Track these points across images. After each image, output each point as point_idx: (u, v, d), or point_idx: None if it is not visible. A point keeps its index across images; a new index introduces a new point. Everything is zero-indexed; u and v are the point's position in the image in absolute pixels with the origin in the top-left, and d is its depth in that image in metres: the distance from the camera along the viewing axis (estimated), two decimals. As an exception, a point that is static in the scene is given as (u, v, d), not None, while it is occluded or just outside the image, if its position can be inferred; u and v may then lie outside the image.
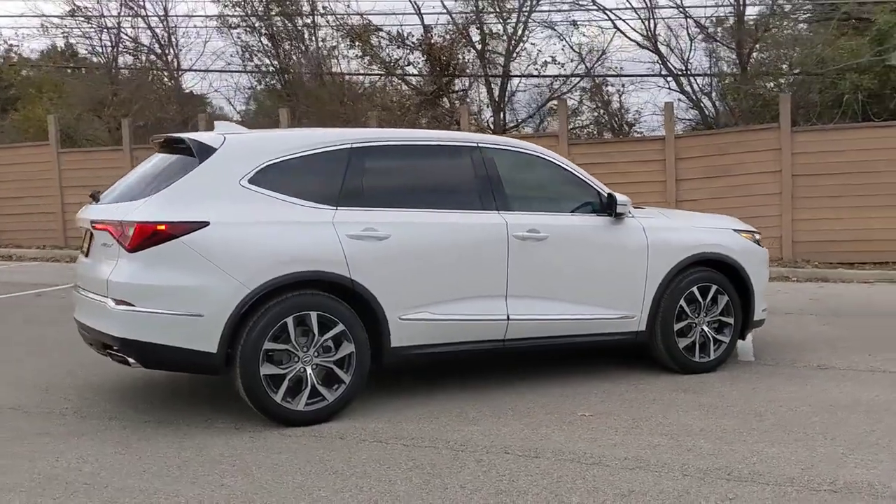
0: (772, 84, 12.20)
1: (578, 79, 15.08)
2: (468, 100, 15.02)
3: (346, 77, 15.07)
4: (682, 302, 5.87)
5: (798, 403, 5.15)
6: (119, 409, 5.19)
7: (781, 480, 3.88)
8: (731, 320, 6.07)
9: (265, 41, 16.31)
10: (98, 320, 4.76)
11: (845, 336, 7.30)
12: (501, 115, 14.68)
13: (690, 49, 13.09)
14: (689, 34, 13.21)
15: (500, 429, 4.70)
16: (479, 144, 5.56)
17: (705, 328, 5.98)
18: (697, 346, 5.95)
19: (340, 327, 4.82)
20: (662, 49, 14.19)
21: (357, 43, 14.60)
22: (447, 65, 14.23)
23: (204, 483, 3.93)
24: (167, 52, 19.21)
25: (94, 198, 5.28)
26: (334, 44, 14.89)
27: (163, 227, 4.55)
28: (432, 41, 14.17)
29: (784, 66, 12.20)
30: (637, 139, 13.34)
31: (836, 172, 11.84)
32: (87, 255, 5.11)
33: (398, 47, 14.74)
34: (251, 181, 4.81)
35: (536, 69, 14.78)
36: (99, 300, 4.74)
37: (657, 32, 13.98)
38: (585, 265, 5.62)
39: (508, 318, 5.33)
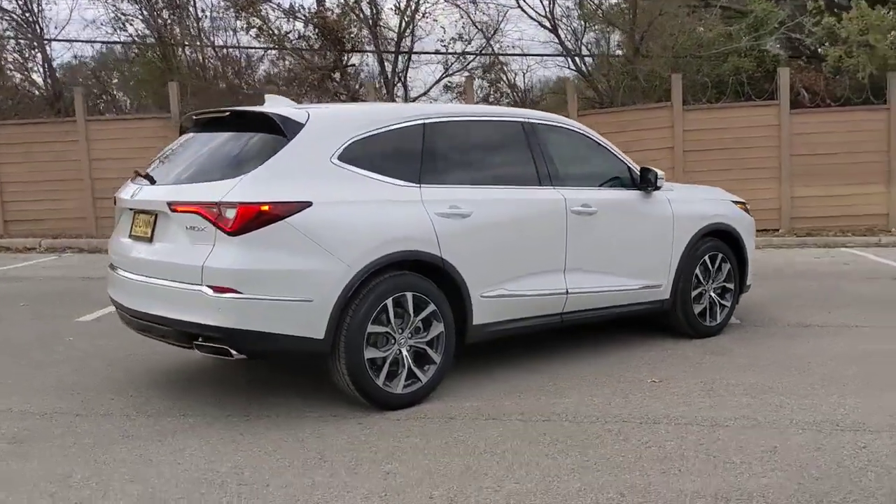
0: (663, 66, 12.97)
1: (473, 57, 15.29)
2: (362, 76, 14.83)
3: (236, 51, 14.35)
4: (697, 270, 6.24)
5: (821, 357, 5.63)
6: (190, 406, 4.79)
7: (887, 426, 4.28)
8: (731, 286, 6.52)
9: (143, 10, 15.05)
10: (184, 310, 4.37)
11: (787, 296, 8.01)
12: (394, 91, 14.58)
13: (583, 30, 13.68)
14: (582, 16, 13.77)
15: (593, 399, 4.81)
16: (531, 120, 5.61)
17: (712, 294, 6.39)
18: (707, 311, 6.35)
19: (432, 307, 4.74)
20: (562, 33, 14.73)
21: (243, 14, 13.91)
22: (340, 39, 13.93)
23: (364, 472, 3.77)
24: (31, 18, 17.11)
25: (148, 178, 4.85)
26: (218, 14, 14.15)
27: (267, 208, 4.26)
28: (326, 15, 13.77)
29: (672, 49, 13.03)
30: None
31: (722, 147, 12.83)
32: (150, 240, 4.68)
33: (288, 20, 14.23)
34: (340, 158, 4.60)
35: (444, 45, 14.81)
36: (184, 288, 4.36)
37: (555, 13, 14.50)
38: (626, 238, 5.83)
39: (567, 292, 5.45)
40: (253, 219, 4.22)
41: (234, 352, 4.28)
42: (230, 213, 4.22)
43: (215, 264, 4.24)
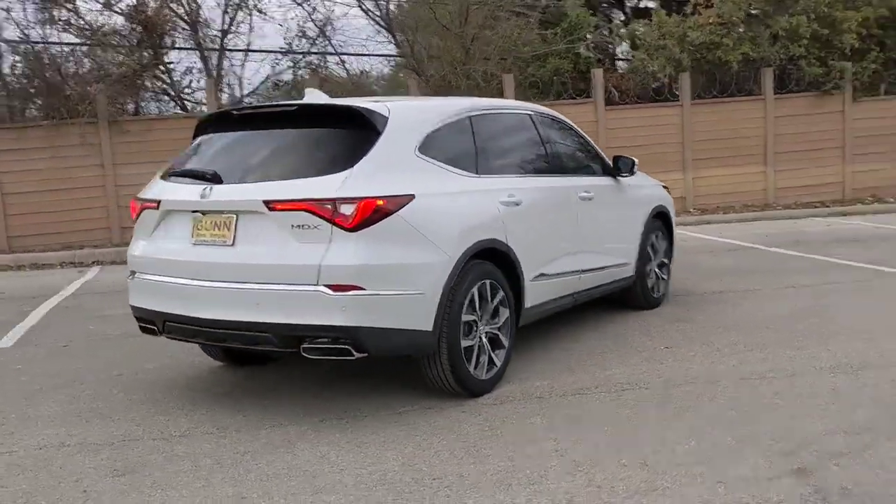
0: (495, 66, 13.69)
1: (306, 53, 14.95)
2: (186, 74, 13.93)
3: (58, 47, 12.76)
4: (648, 248, 6.91)
5: (766, 317, 6.48)
6: (270, 416, 4.55)
7: (880, 364, 5.14)
8: (667, 261, 7.29)
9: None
10: (293, 313, 4.15)
11: (688, 270, 8.98)
12: (220, 89, 13.89)
13: (416, 31, 13.96)
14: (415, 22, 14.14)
15: (636, 368, 5.22)
16: (537, 112, 5.92)
17: (656, 269, 7.10)
18: (654, 285, 7.05)
19: (501, 293, 4.90)
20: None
21: (49, 5, 12.48)
22: (160, 35, 13.00)
23: (535, 452, 3.89)
24: None
25: (204, 177, 4.49)
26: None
27: (382, 203, 4.19)
28: (144, 9, 12.78)
29: (497, 50, 13.79)
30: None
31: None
32: (231, 244, 4.36)
33: (102, 13, 12.99)
34: (420, 151, 4.62)
35: (287, 42, 14.21)
36: (293, 290, 4.15)
37: (390, 10, 14.61)
38: (611, 220, 6.33)
39: (581, 272, 5.84)
40: (371, 214, 4.15)
41: (355, 352, 4.16)
42: (348, 209, 4.10)
43: (335, 262, 4.10)
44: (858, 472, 3.51)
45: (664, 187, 7.54)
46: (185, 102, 14.46)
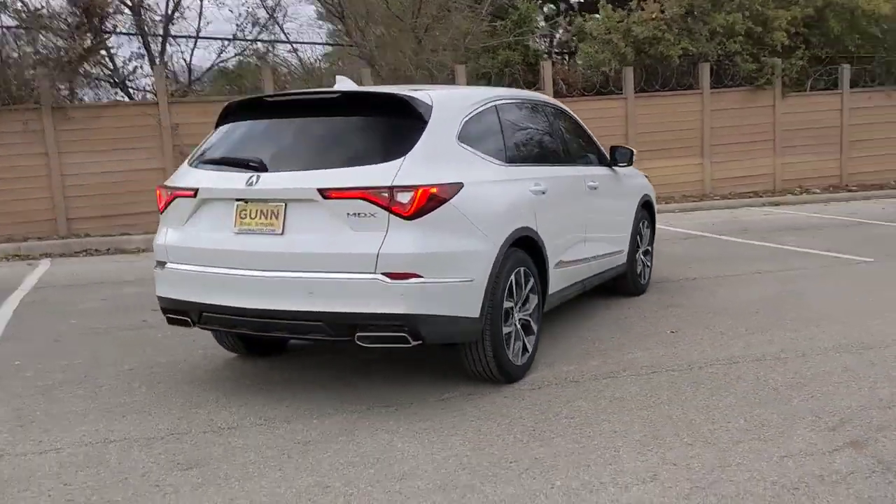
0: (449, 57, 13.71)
1: (249, 42, 14.58)
2: (130, 61, 13.34)
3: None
4: (637, 236, 7.12)
5: (751, 302, 6.78)
6: (313, 407, 4.50)
7: (875, 344, 5.47)
8: (651, 248, 7.53)
9: None
10: (349, 301, 4.14)
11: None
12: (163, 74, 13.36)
13: (366, 21, 13.81)
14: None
15: (653, 352, 5.40)
16: (548, 102, 6.02)
17: (642, 256, 7.33)
18: (641, 272, 7.27)
19: (532, 280, 4.99)
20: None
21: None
22: (102, 19, 12.45)
23: (594, 433, 4.00)
24: None
25: (246, 165, 4.42)
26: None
27: (436, 191, 4.21)
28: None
29: (448, 42, 13.82)
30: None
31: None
32: (280, 232, 4.30)
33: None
34: (459, 139, 4.66)
35: (240, 28, 13.71)
36: (349, 278, 4.14)
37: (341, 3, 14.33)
38: (611, 210, 6.50)
39: (590, 259, 5.98)
40: (427, 202, 4.17)
41: (412, 339, 4.18)
42: (405, 198, 4.11)
43: (394, 250, 4.11)
44: (907, 443, 3.77)
45: (646, 177, 7.76)
46: (130, 90, 13.98)
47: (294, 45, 14.83)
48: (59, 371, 5.38)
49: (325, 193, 4.19)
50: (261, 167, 4.42)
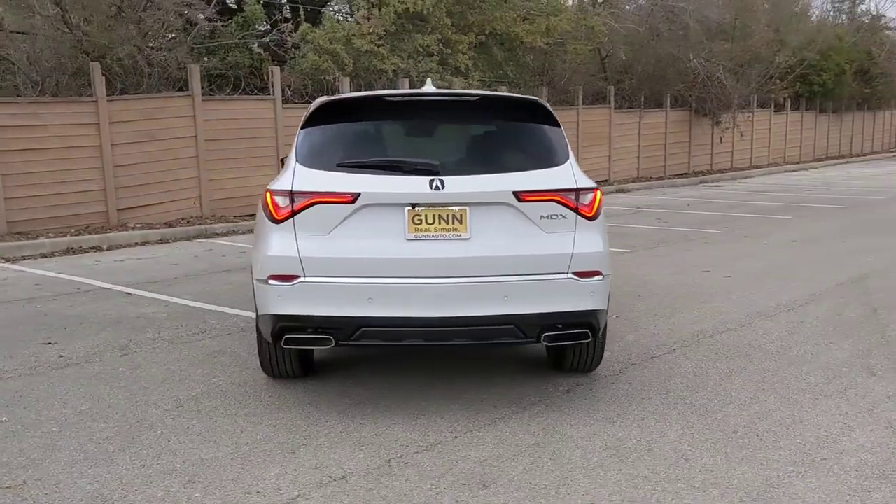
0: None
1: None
2: None
3: None
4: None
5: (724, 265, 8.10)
6: (468, 411, 4.60)
7: (803, 302, 7.06)
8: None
9: None
10: (541, 302, 4.35)
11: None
12: None
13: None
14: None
15: (658, 332, 6.33)
16: None
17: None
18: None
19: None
20: None
21: None
22: None
23: (715, 412, 4.79)
24: None
25: (418, 169, 4.31)
26: None
27: (601, 194, 4.60)
28: None
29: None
30: (69, 100, 11.76)
31: (236, 137, 13.57)
32: (467, 237, 4.27)
33: None
34: None
35: None
36: (544, 279, 4.37)
37: None
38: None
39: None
40: (600, 202, 4.55)
41: (591, 335, 4.51)
42: (586, 199, 4.47)
43: (585, 249, 4.42)
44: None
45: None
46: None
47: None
48: (157, 385, 4.50)
49: (519, 196, 4.33)
50: (435, 171, 4.34)
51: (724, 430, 4.32)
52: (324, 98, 4.91)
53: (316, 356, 5.32)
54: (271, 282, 4.39)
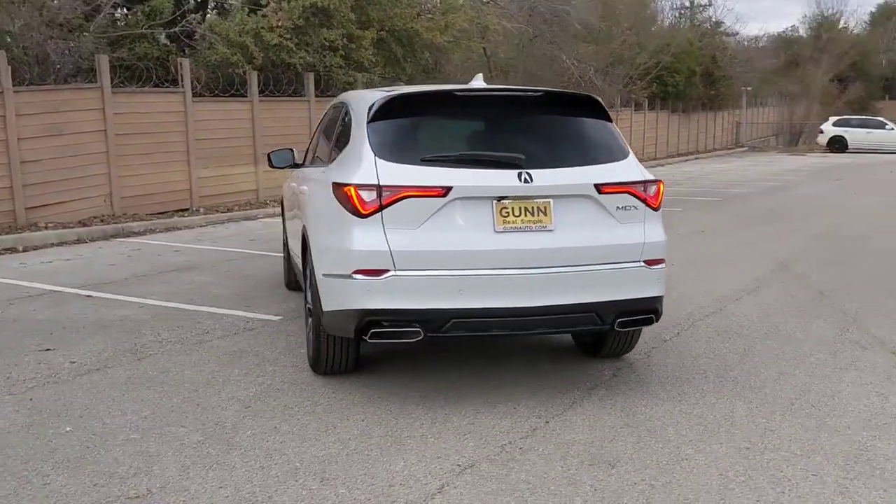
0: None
1: None
2: None
3: None
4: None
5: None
6: (526, 404, 4.72)
7: (743, 291, 7.63)
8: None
9: None
10: (621, 289, 4.60)
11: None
12: None
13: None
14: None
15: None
16: None
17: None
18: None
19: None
20: None
21: None
22: None
23: (773, 389, 5.21)
24: None
25: (505, 163, 4.46)
26: None
27: (662, 185, 4.88)
28: None
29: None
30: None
31: (145, 132, 12.97)
32: (551, 229, 4.44)
33: None
34: None
35: None
36: (621, 268, 4.61)
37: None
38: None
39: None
40: (662, 194, 4.84)
41: (655, 319, 4.80)
42: (652, 190, 4.75)
43: (653, 239, 4.71)
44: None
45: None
46: None
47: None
48: (227, 383, 4.35)
49: (600, 189, 4.55)
50: (521, 164, 4.47)
51: (781, 403, 4.71)
52: (386, 93, 4.89)
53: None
54: (357, 276, 4.37)
